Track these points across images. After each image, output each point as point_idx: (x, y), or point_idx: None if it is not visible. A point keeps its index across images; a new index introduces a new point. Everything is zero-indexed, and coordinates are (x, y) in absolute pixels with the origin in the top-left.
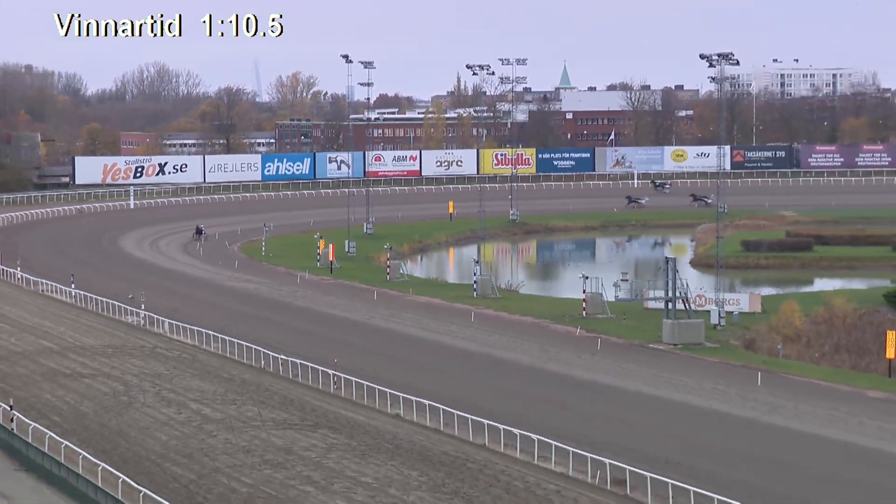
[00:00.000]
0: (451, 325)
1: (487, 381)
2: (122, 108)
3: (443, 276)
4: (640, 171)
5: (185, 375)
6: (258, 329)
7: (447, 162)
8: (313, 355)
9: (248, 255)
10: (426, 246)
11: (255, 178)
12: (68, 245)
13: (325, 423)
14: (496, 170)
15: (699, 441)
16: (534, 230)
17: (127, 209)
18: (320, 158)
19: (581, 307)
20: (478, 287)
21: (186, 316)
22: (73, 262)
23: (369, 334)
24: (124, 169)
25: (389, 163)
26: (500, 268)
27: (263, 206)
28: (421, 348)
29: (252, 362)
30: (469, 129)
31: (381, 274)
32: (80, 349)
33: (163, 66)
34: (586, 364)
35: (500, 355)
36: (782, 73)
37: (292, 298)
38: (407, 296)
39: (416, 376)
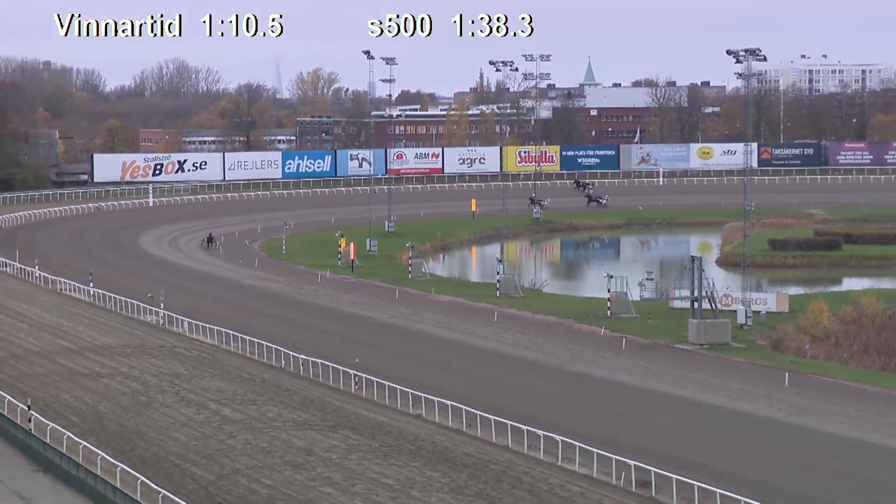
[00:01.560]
0: (473, 325)
1: (510, 382)
2: (141, 104)
3: (465, 274)
4: (666, 168)
5: (204, 375)
6: (278, 328)
7: (470, 159)
8: (334, 355)
9: (269, 253)
10: (448, 244)
11: (275, 176)
12: (86, 243)
13: (346, 423)
14: (519, 167)
15: (725, 442)
16: (557, 228)
17: (146, 207)
18: (341, 156)
19: (605, 306)
20: (501, 286)
21: (206, 315)
22: (91, 261)
23: (391, 334)
24: (143, 166)
25: (411, 160)
26: (523, 266)
27: (284, 204)
28: (443, 348)
29: (272, 362)
30: (492, 126)
31: (402, 272)
32: (99, 348)
33: (182, 63)
34: (610, 364)
35: (524, 355)
36: (810, 69)
37: (313, 297)
38: (429, 295)
39: (438, 376)
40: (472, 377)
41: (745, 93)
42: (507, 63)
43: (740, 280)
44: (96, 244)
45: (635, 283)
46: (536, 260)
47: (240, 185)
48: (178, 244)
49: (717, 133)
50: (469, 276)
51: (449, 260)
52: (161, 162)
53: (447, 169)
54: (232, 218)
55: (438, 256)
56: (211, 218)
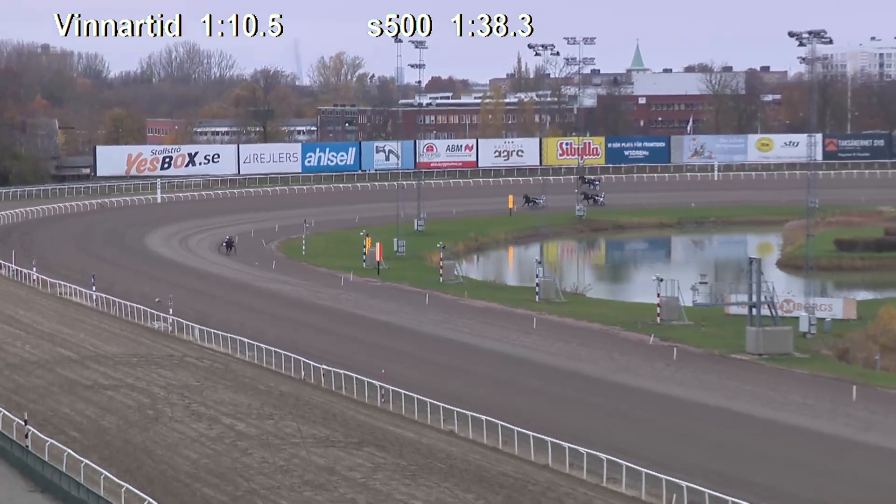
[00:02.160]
0: (510, 332)
1: (551, 394)
2: (148, 92)
3: (501, 277)
4: (721, 161)
5: (217, 387)
6: (298, 336)
7: (507, 152)
8: (358, 365)
9: (287, 254)
10: (483, 244)
11: (294, 170)
12: (89, 243)
13: (372, 440)
14: (561, 160)
15: (786, 461)
16: (602, 227)
17: (153, 203)
18: (366, 148)
19: (655, 313)
20: (540, 290)
21: (218, 321)
22: (93, 262)
23: (420, 342)
24: (150, 159)
25: (443, 153)
26: (564, 269)
27: (303, 201)
28: (477, 357)
29: (291, 373)
30: (531, 116)
31: (433, 275)
32: (102, 358)
33: (193, 47)
34: (660, 375)
35: (565, 365)
36: (881, 52)
37: (335, 302)
38: (462, 299)
39: (471, 388)
40: (510, 389)
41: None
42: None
43: (803, 284)
44: (99, 244)
45: (687, 287)
46: (579, 261)
47: (255, 179)
48: (189, 244)
49: (778, 123)
50: (506, 279)
51: (484, 261)
52: (170, 154)
53: (482, 162)
54: (247, 215)
55: (472, 258)
56: (224, 215)
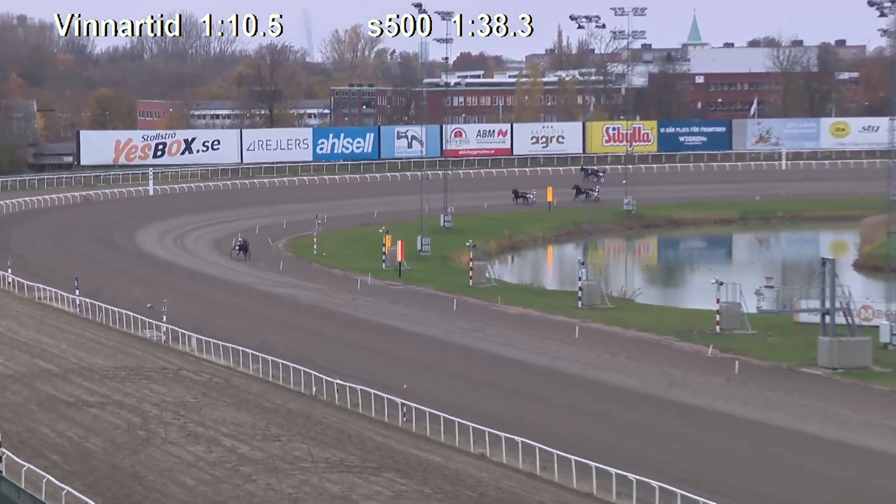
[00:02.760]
0: (549, 343)
1: (596, 413)
2: (138, 69)
3: (539, 280)
4: (790, 148)
5: (216, 404)
6: (308, 346)
7: (545, 138)
8: (377, 379)
9: (296, 253)
10: (518, 243)
11: (304, 158)
12: (71, 241)
13: (392, 464)
14: (607, 148)
15: (864, 490)
16: (654, 223)
17: (145, 196)
18: (386, 133)
19: (713, 321)
20: (583, 295)
21: (219, 330)
22: (77, 262)
23: (447, 353)
24: (141, 146)
25: (473, 139)
26: (611, 271)
27: (315, 193)
28: (512, 371)
29: (301, 388)
30: (573, 97)
31: (462, 278)
32: (86, 371)
33: (189, 18)
34: (720, 392)
35: (612, 380)
36: None
37: (351, 308)
38: (494, 305)
39: (505, 406)
40: (548, 407)
41: (892, 54)
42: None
43: (884, 288)
44: (83, 242)
45: (751, 291)
46: (627, 262)
47: (261, 169)
48: (185, 242)
49: (855, 105)
50: (544, 282)
51: (519, 262)
52: (164, 141)
53: (517, 149)
54: (251, 210)
55: (506, 258)
56: (225, 210)
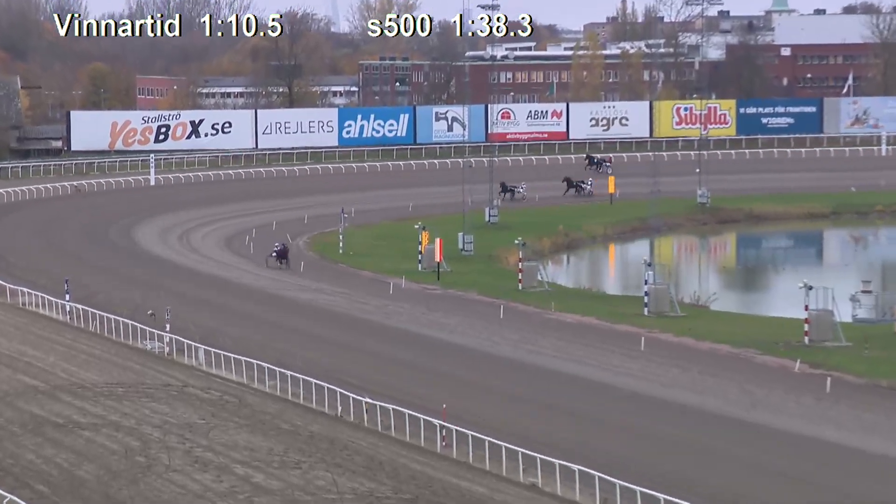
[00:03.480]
0: (610, 356)
1: (664, 437)
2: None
3: (599, 284)
4: (891, 131)
5: (227, 426)
6: (333, 360)
7: (606, 119)
8: (412, 398)
9: (320, 253)
10: (575, 241)
11: (329, 143)
12: (61, 238)
13: (430, 495)
14: (677, 131)
15: None
16: (732, 218)
17: (145, 186)
18: (423, 115)
19: (802, 331)
20: (650, 301)
21: (230, 341)
22: (67, 263)
23: (493, 368)
24: (141, 129)
25: (522, 121)
26: (682, 273)
27: (341, 183)
28: (567, 388)
29: (324, 408)
30: (638, 73)
31: (510, 281)
32: (78, 388)
33: None
34: (809, 413)
35: (684, 399)
36: None
37: (382, 316)
38: (547, 313)
39: (560, 429)
40: (610, 430)
41: None
42: None
43: None
44: (75, 239)
45: (846, 297)
46: (701, 263)
47: (278, 155)
48: (191, 240)
49: None
50: (605, 286)
51: (576, 263)
52: (167, 123)
53: (574, 133)
54: (267, 203)
55: (561, 258)
56: (237, 202)
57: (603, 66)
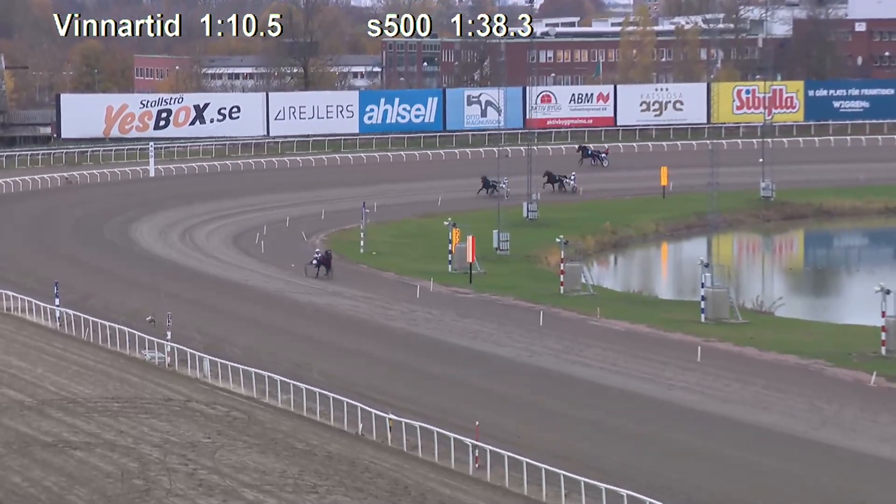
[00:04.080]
0: (663, 368)
1: (726, 459)
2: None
3: (650, 287)
4: None
5: (235, 446)
6: (353, 371)
7: (658, 103)
8: (441, 414)
9: (338, 252)
10: (623, 239)
11: (349, 130)
12: (50, 235)
13: None
14: (738, 116)
15: None
16: (799, 213)
17: (144, 178)
18: (454, 98)
19: (878, 340)
20: (708, 306)
21: (239, 350)
22: (57, 263)
23: (531, 381)
24: (140, 114)
25: (565, 105)
26: (744, 275)
27: (362, 175)
28: (614, 404)
29: (343, 425)
30: (695, 51)
31: (551, 284)
32: (69, 403)
33: None
34: (887, 433)
35: (745, 417)
36: None
37: (408, 322)
38: (592, 319)
39: (606, 449)
40: (662, 450)
41: None
42: None
43: None
44: (65, 237)
45: None
46: (765, 264)
47: (292, 143)
48: (195, 238)
49: None
50: (657, 289)
51: (624, 264)
52: (168, 108)
53: (622, 118)
54: (280, 196)
55: (607, 258)
56: (246, 196)
57: (655, 43)
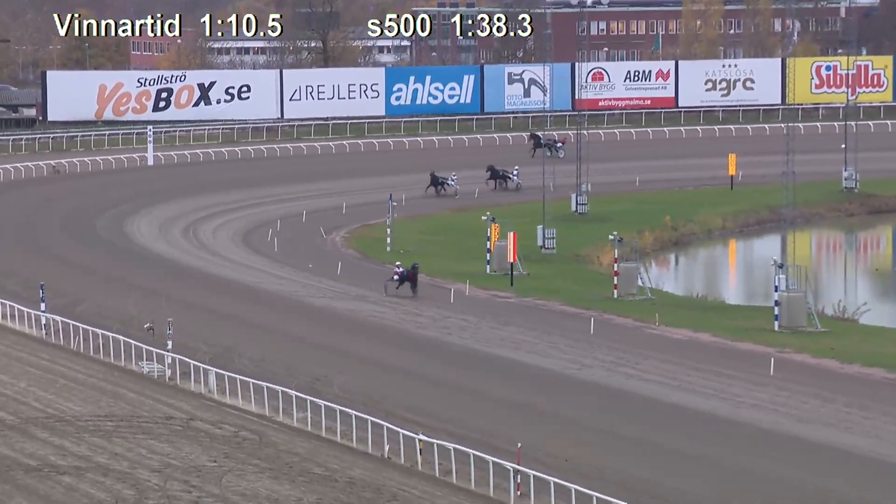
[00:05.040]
0: (731, 383)
1: (802, 486)
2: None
3: (716, 291)
4: None
5: (245, 471)
6: (378, 386)
7: (726, 82)
8: (478, 435)
9: (361, 250)
10: (685, 236)
11: (374, 112)
12: (35, 231)
13: None
14: (817, 96)
15: None
16: (887, 207)
17: (142, 167)
18: (492, 75)
19: None
20: (782, 313)
21: (249, 362)
22: (44, 263)
23: (580, 397)
24: (137, 94)
25: (619, 84)
26: (823, 277)
27: (389, 163)
28: (675, 423)
29: (367, 447)
30: (768, 22)
31: (602, 286)
32: (56, 422)
33: None
34: None
35: (826, 438)
36: None
37: (440, 331)
38: (650, 327)
39: (665, 475)
40: (730, 476)
41: None
42: None
43: None
44: (52, 233)
45: None
46: (848, 264)
47: (309, 127)
48: (200, 234)
49: None
50: (723, 294)
51: (687, 264)
52: (169, 86)
53: (684, 99)
54: (295, 188)
55: (667, 258)
56: (257, 187)
57: (722, 13)
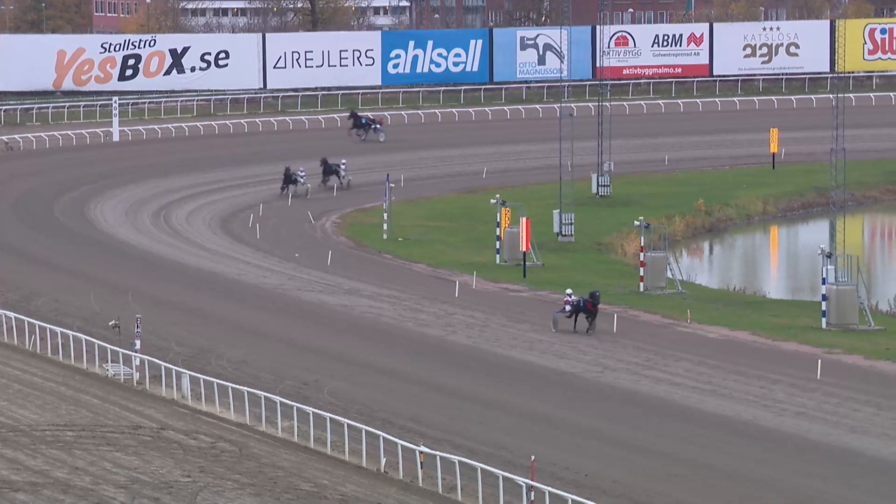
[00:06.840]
0: (772, 387)
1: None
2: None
3: (755, 284)
4: None
5: (223, 487)
6: (373, 392)
7: (767, 47)
8: (486, 447)
9: (355, 238)
10: (720, 221)
11: (369, 82)
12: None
13: None
14: (870, 63)
15: None
16: None
17: (106, 143)
18: (502, 40)
19: None
20: (830, 309)
21: (228, 364)
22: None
23: (600, 404)
24: (100, 61)
25: (646, 50)
26: (877, 269)
27: (386, 140)
28: (709, 434)
29: (362, 460)
30: None
31: (627, 279)
32: (10, 432)
33: None
34: None
35: (881, 450)
36: None
37: (444, 329)
38: (680, 324)
39: (698, 493)
40: (773, 493)
41: None
42: None
43: None
44: (4, 219)
45: None
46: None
47: (296, 99)
48: (172, 220)
49: None
50: (763, 287)
51: (721, 253)
52: (136, 52)
53: (719, 67)
54: (280, 166)
55: (700, 247)
56: (237, 166)
57: None
